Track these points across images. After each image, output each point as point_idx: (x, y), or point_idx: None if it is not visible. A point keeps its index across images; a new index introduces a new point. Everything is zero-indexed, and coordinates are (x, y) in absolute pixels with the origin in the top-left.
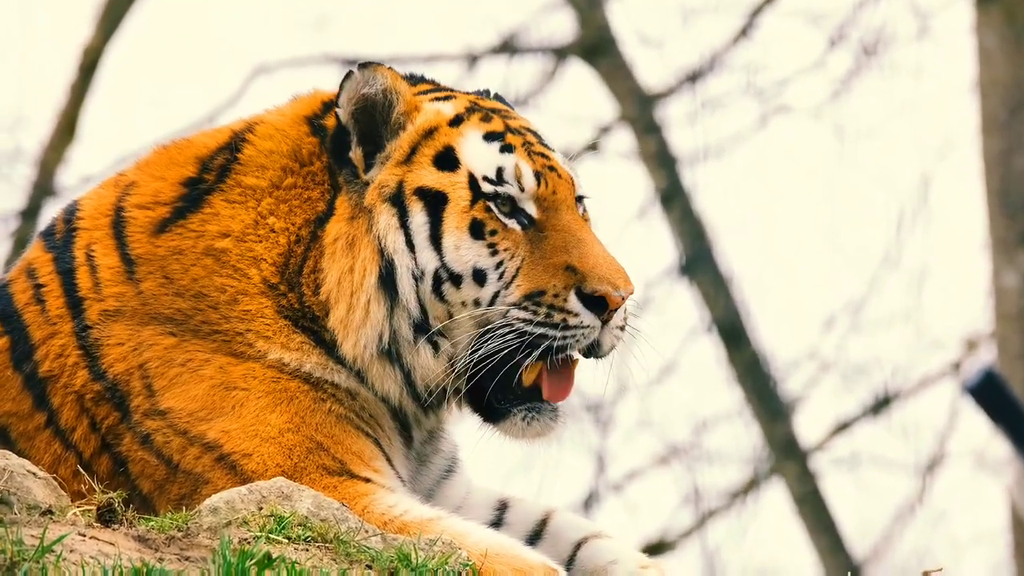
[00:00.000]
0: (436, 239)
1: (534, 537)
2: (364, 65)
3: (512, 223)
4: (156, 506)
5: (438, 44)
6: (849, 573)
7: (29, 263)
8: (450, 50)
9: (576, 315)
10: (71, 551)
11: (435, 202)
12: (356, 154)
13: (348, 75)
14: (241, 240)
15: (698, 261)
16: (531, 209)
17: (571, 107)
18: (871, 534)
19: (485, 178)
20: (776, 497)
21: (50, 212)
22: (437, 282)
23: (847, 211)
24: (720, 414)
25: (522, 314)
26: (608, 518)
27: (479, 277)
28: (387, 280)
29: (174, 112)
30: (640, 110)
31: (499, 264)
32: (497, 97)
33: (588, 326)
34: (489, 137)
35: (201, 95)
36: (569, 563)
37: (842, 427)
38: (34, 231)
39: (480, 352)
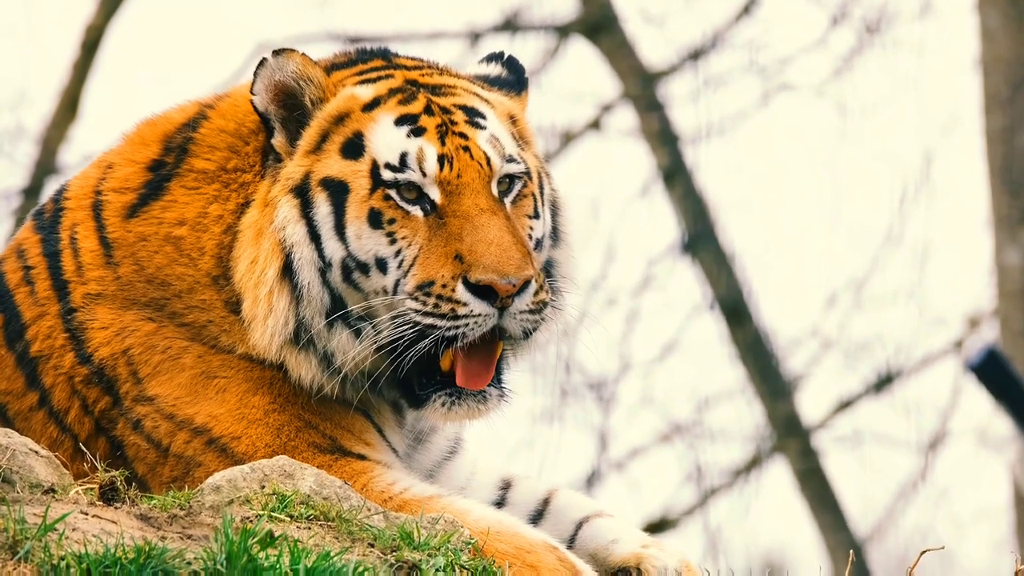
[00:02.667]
0: (340, 229)
1: (537, 516)
2: (277, 52)
3: (415, 210)
4: (151, 488)
5: (441, 22)
6: (851, 551)
7: (20, 243)
8: (453, 28)
9: (465, 305)
10: (73, 529)
11: (338, 192)
12: (278, 141)
13: (262, 62)
14: (193, 228)
15: (700, 239)
16: (434, 194)
17: (573, 85)
18: (873, 512)
19: (387, 165)
20: (778, 475)
21: (52, 190)
22: (346, 271)
23: (850, 189)
24: (722, 392)
25: (414, 304)
26: (610, 496)
27: (381, 266)
28: (289, 271)
29: (176, 90)
30: (642, 88)
31: (398, 252)
32: (508, 60)
33: (480, 315)
34: (401, 121)
35: (203, 73)
36: (571, 542)
37: (844, 405)
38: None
39: (380, 340)
